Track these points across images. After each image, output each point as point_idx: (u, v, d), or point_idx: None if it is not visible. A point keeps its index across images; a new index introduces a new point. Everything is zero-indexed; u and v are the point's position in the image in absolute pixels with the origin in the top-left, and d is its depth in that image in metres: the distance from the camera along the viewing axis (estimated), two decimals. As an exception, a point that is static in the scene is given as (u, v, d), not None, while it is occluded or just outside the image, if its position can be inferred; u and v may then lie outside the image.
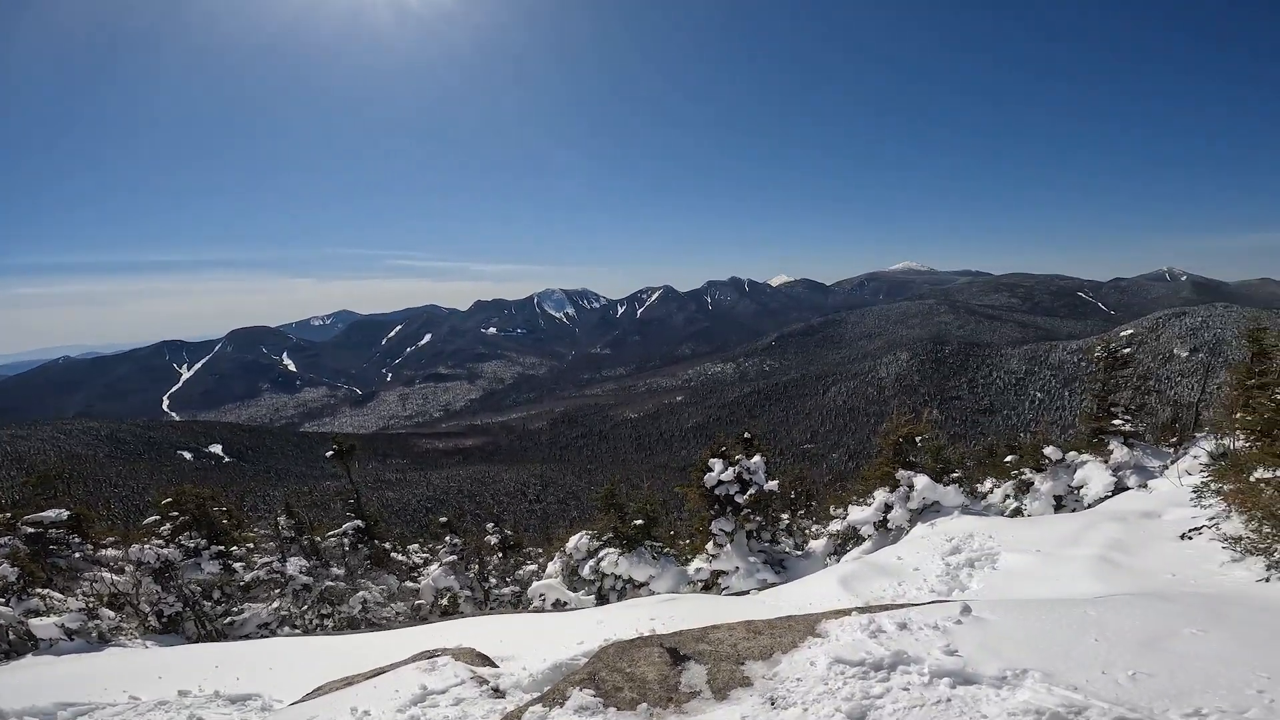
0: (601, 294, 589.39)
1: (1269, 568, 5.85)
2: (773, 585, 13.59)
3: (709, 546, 15.04)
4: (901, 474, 13.63)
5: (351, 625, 16.14)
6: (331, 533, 20.25)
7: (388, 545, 21.55)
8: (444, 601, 18.32)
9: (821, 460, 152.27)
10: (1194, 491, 8.55)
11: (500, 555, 21.97)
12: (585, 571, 16.46)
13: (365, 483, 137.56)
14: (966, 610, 4.79)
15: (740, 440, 14.93)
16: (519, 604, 18.23)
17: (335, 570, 16.85)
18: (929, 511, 13.11)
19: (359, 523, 21.03)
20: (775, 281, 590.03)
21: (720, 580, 14.61)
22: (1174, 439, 16.24)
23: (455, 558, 18.95)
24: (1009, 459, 16.72)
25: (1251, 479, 7.38)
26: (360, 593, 16.57)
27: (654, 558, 16.84)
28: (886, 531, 13.60)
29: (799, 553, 15.66)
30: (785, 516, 21.02)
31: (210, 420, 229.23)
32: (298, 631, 15.34)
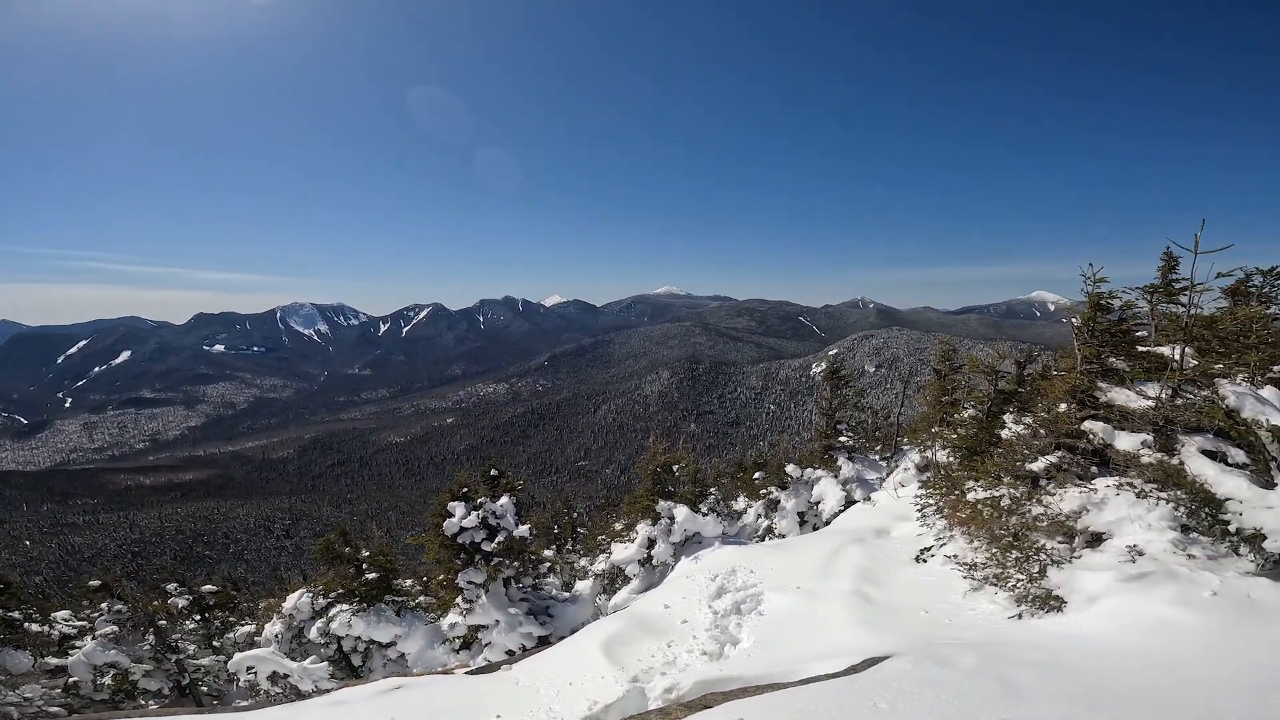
0: (361, 310, 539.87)
1: (1018, 602, 5.88)
2: (540, 638, 12.33)
3: (459, 601, 13.03)
4: (662, 505, 13.10)
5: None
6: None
7: (17, 615, 15.54)
8: (107, 680, 13.74)
9: (596, 476, 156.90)
10: (918, 510, 9.05)
11: (200, 617, 17.57)
12: (313, 634, 13.94)
13: (39, 528, 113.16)
14: (740, 732, 3.63)
15: (486, 478, 13.11)
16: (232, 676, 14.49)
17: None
18: (691, 543, 12.75)
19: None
20: (549, 301, 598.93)
21: (480, 635, 12.85)
22: (878, 446, 18.57)
23: (116, 628, 14.43)
24: (757, 476, 17.56)
25: (969, 498, 7.84)
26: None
27: (397, 615, 14.35)
28: (652, 568, 12.94)
29: (566, 595, 14.37)
30: (550, 553, 19.68)
31: None
32: None
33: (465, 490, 12.86)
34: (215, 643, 16.87)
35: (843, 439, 16.55)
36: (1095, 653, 4.69)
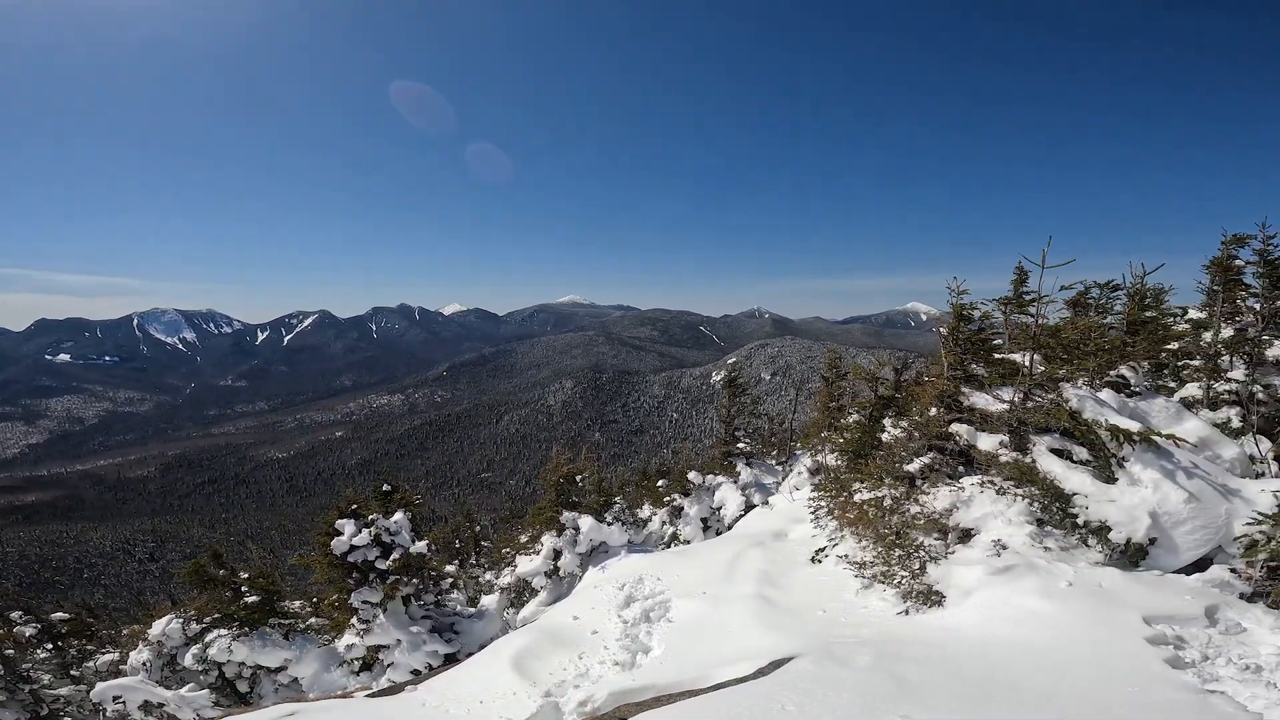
0: (235, 317, 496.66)
1: (904, 598, 6.31)
2: (446, 656, 11.93)
3: (355, 621, 12.39)
4: (566, 516, 13.03)
5: None
6: None
7: None
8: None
9: (499, 488, 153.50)
10: (811, 512, 9.52)
11: (53, 646, 16.22)
12: (188, 661, 13.02)
13: None
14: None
15: (378, 494, 12.52)
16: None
17: None
18: (598, 553, 12.75)
19: None
20: (448, 310, 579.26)
21: (382, 656, 12.33)
22: (774, 451, 19.42)
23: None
24: (661, 483, 17.82)
25: (856, 499, 8.35)
26: None
27: (286, 638, 13.57)
28: (560, 580, 12.79)
29: (472, 610, 13.97)
30: (453, 568, 18.94)
31: None
32: None
33: (355, 507, 12.26)
34: (74, 671, 15.43)
35: (741, 445, 17.15)
36: (974, 645, 5.09)
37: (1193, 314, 11.96)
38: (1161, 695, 4.06)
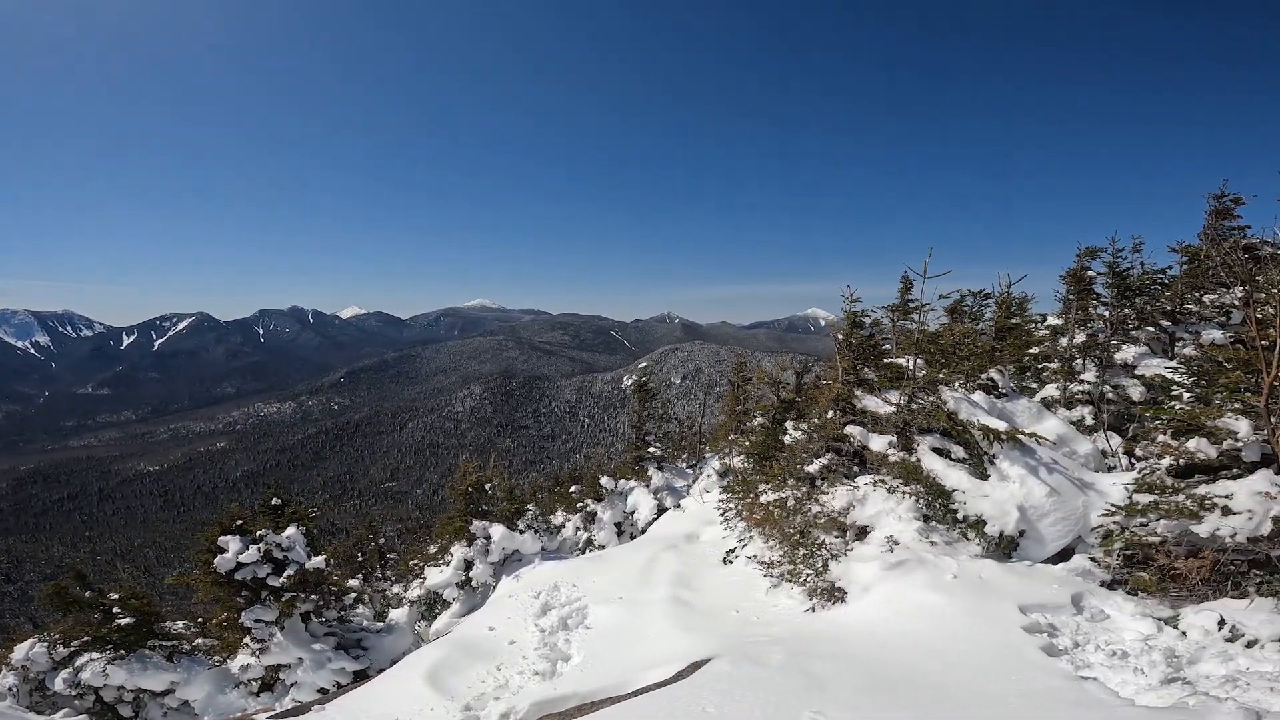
0: (96, 319, 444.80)
1: (810, 595, 6.65)
2: (355, 673, 11.36)
3: (248, 641, 11.56)
4: (477, 525, 12.75)
5: None
6: None
7: None
8: None
9: (405, 497, 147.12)
10: (721, 514, 9.83)
11: None
12: (59, 685, 11.99)
13: None
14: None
15: (267, 508, 11.74)
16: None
17: None
18: (511, 561, 12.56)
19: None
20: (346, 313, 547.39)
21: (283, 675, 11.55)
22: (685, 455, 19.89)
23: None
24: (574, 489, 17.78)
25: (762, 500, 8.71)
26: None
27: (170, 660, 12.59)
28: (473, 590, 12.49)
29: (380, 625, 13.33)
30: (356, 582, 17.95)
31: None
32: None
33: (240, 523, 11.42)
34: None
35: (652, 449, 17.42)
36: (874, 639, 5.44)
37: (1051, 321, 13.23)
38: (1042, 683, 4.28)
